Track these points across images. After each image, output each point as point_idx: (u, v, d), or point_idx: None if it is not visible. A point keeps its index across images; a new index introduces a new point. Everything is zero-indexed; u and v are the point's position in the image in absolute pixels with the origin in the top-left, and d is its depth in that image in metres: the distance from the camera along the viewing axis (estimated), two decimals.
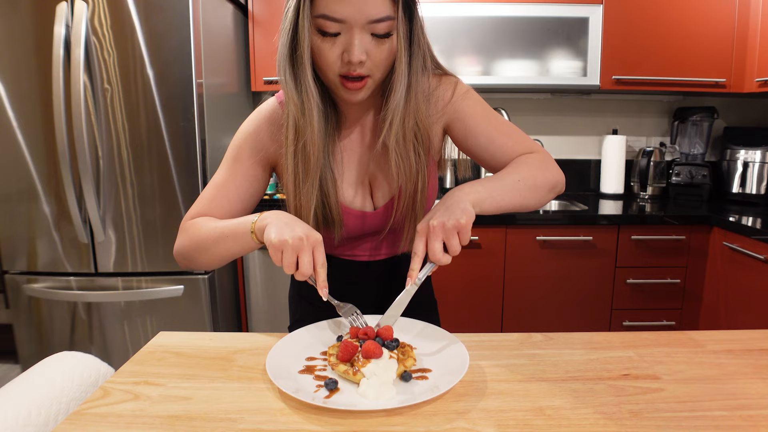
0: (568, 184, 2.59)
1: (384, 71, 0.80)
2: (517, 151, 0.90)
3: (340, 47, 0.75)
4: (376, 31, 0.75)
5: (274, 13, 2.16)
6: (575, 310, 2.06)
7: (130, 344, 1.92)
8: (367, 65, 0.77)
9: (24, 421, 0.63)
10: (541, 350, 0.78)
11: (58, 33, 1.69)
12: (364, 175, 0.92)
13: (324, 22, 0.74)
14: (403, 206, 0.89)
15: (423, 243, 0.74)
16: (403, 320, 0.84)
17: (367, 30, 0.75)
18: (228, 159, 0.92)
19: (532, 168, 0.85)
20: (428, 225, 0.74)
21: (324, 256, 0.75)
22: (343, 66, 0.77)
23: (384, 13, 0.74)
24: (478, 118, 0.90)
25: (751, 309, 1.79)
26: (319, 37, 0.76)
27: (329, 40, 0.76)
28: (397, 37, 0.77)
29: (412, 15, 0.80)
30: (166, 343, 0.82)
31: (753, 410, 0.61)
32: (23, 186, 1.83)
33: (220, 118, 1.99)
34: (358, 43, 0.74)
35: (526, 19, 2.11)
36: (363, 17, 0.73)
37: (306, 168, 0.83)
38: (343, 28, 0.74)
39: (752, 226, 1.80)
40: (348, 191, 0.91)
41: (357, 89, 0.79)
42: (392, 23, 0.76)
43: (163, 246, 1.84)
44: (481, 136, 0.90)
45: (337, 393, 0.64)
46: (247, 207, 0.94)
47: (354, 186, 0.92)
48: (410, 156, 0.85)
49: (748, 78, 2.14)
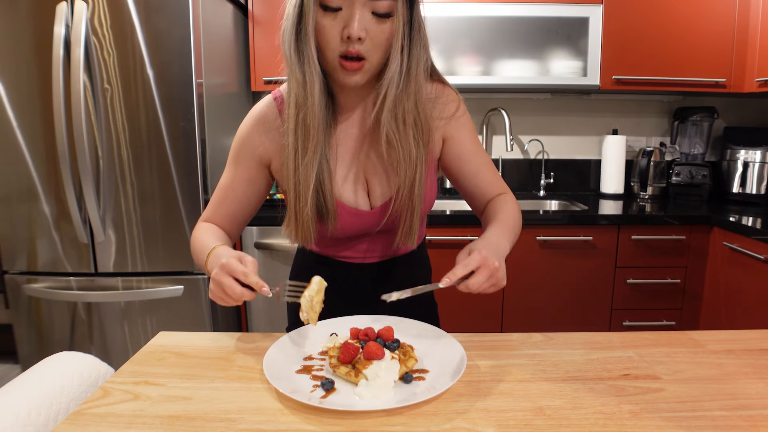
0: (569, 184, 2.60)
1: (382, 55, 0.81)
2: (498, 189, 0.97)
3: (341, 23, 0.77)
4: (376, 9, 0.77)
5: (274, 13, 2.16)
6: (575, 310, 2.06)
7: (130, 344, 1.92)
8: (366, 45, 0.78)
9: (24, 421, 0.63)
10: (541, 350, 0.78)
11: (58, 33, 1.69)
12: (359, 171, 0.92)
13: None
14: (401, 199, 0.89)
15: (475, 266, 0.74)
16: (401, 321, 0.84)
17: (368, 7, 0.76)
18: (229, 163, 0.95)
19: (518, 216, 0.93)
20: (487, 258, 0.74)
21: (241, 266, 0.75)
22: (342, 44, 0.78)
23: None
24: (472, 146, 0.95)
25: (751, 309, 1.79)
26: (321, 12, 0.78)
27: (331, 15, 0.77)
28: (396, 18, 0.79)
29: (414, 2, 0.82)
30: (166, 343, 0.82)
31: (753, 410, 0.61)
32: (23, 186, 1.83)
33: (220, 118, 1.99)
34: (359, 18, 0.76)
35: (526, 19, 2.11)
36: None
37: (305, 143, 0.84)
38: (345, 2, 0.76)
39: (752, 226, 1.80)
40: (344, 187, 0.91)
41: (354, 70, 0.80)
42: (393, 3, 0.77)
43: (163, 246, 1.84)
44: (471, 164, 0.95)
45: (333, 393, 0.64)
46: (252, 207, 0.97)
47: (351, 182, 0.92)
48: (410, 142, 0.86)
49: (748, 78, 2.14)
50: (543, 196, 2.51)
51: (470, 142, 0.95)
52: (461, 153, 0.95)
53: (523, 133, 2.56)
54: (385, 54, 0.82)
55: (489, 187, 0.96)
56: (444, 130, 0.94)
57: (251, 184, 0.94)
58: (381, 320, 0.84)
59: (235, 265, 0.74)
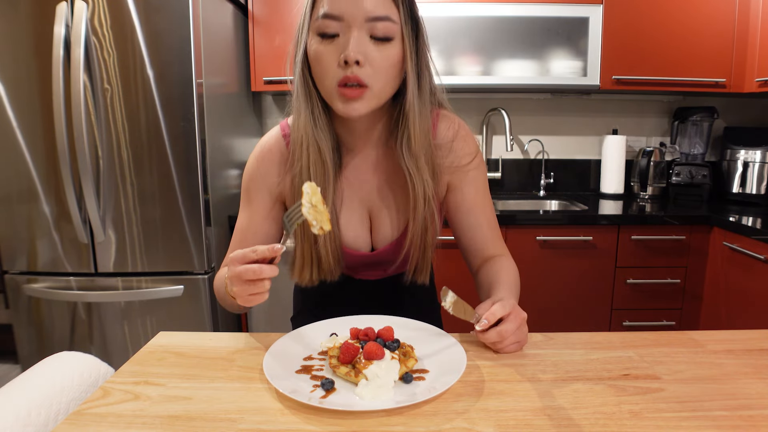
0: (569, 184, 2.60)
1: (385, 83, 0.77)
2: (496, 249, 0.93)
3: (339, 49, 0.74)
4: (375, 32, 0.74)
5: (274, 13, 2.16)
6: (575, 310, 2.06)
7: (130, 344, 1.92)
8: (366, 71, 0.75)
9: (24, 421, 0.63)
10: (540, 350, 0.78)
11: (58, 33, 1.69)
12: (364, 214, 0.91)
13: (323, 22, 0.74)
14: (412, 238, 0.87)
15: (503, 314, 0.74)
16: (401, 321, 0.84)
17: (365, 29, 0.74)
18: (243, 203, 0.93)
19: (519, 285, 0.91)
20: (515, 307, 0.75)
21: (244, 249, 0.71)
22: (340, 69, 0.75)
23: (383, 12, 0.74)
24: (476, 200, 0.92)
25: (751, 309, 1.79)
26: (318, 41, 0.76)
27: (328, 43, 0.75)
28: (403, 43, 0.76)
29: (418, 27, 0.79)
30: (166, 343, 0.82)
31: (753, 410, 0.61)
32: (23, 186, 1.83)
33: (220, 118, 1.98)
34: (354, 41, 0.73)
35: (526, 19, 2.11)
36: (361, 13, 0.73)
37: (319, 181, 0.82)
38: (342, 27, 0.74)
39: (752, 226, 1.80)
40: (348, 232, 0.90)
41: (354, 98, 0.75)
42: (392, 27, 0.75)
43: (163, 246, 1.84)
44: (471, 217, 0.92)
45: (333, 393, 0.64)
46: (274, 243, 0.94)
47: (354, 227, 0.91)
48: (425, 179, 0.83)
49: (748, 78, 2.14)
50: (543, 196, 2.51)
51: (475, 196, 0.92)
52: (462, 203, 0.92)
53: (523, 133, 2.56)
54: (389, 82, 0.78)
55: (485, 244, 0.93)
56: (451, 177, 0.90)
57: (269, 221, 0.91)
58: (381, 320, 0.84)
59: (240, 253, 0.70)
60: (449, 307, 0.75)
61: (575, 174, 2.59)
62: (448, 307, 0.75)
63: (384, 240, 0.92)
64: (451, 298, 0.76)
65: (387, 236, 0.91)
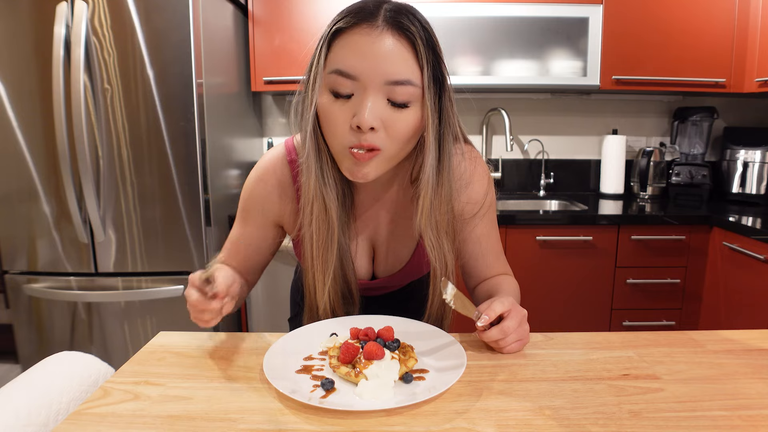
0: (569, 184, 2.60)
1: (399, 147, 0.72)
2: (499, 270, 0.93)
3: (351, 111, 0.68)
4: (393, 97, 0.68)
5: (274, 13, 2.16)
6: (575, 310, 2.06)
7: (130, 344, 1.92)
8: (379, 136, 0.69)
9: (24, 421, 0.63)
10: (540, 350, 0.78)
11: (58, 33, 1.69)
12: (368, 246, 0.91)
13: (337, 79, 0.68)
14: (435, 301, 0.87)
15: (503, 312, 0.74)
16: (401, 321, 0.84)
17: (383, 93, 0.68)
18: (239, 217, 0.91)
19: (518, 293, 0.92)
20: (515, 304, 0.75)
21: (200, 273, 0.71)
22: (352, 133, 0.69)
23: (404, 76, 0.67)
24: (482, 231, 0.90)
25: (751, 309, 1.79)
26: (330, 98, 0.70)
27: (340, 102, 0.69)
28: (424, 109, 0.70)
29: (442, 87, 0.72)
30: (166, 343, 0.82)
31: (753, 410, 0.61)
32: (23, 186, 1.83)
33: (220, 118, 1.98)
34: (371, 106, 0.67)
35: (526, 19, 2.11)
36: (380, 76, 0.67)
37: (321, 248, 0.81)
38: (357, 87, 0.68)
39: (752, 226, 1.80)
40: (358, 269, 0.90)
41: (364, 161, 0.70)
42: (414, 91, 0.68)
43: (163, 246, 1.84)
44: (478, 245, 0.90)
45: (333, 393, 0.64)
46: (264, 258, 0.94)
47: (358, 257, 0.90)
48: (445, 253, 0.81)
49: (748, 78, 2.14)
50: (543, 196, 2.51)
51: (484, 228, 0.90)
52: (470, 235, 0.89)
53: (523, 133, 2.56)
54: (405, 147, 0.73)
55: (487, 270, 0.92)
56: (463, 211, 0.87)
57: (262, 240, 0.90)
58: (381, 320, 0.84)
59: (196, 275, 0.70)
60: (450, 300, 0.75)
61: (575, 174, 2.59)
62: (449, 300, 0.75)
63: (386, 271, 0.92)
64: (452, 290, 0.75)
65: (390, 267, 0.91)
